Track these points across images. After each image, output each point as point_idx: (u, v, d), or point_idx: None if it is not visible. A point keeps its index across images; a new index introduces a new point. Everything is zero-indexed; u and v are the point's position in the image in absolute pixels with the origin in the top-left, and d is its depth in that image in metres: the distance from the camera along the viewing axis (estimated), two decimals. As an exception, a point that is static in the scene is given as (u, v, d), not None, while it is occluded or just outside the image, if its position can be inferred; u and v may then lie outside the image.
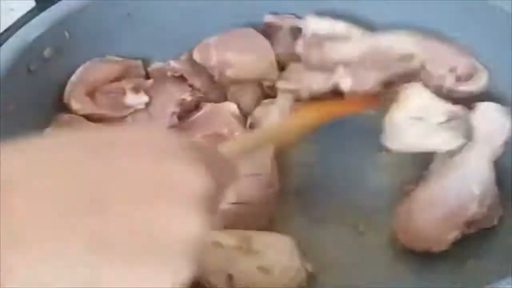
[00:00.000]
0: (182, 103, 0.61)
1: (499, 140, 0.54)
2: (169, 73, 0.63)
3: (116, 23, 0.61)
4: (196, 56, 0.63)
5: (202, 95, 0.62)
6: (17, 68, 0.54)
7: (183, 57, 0.64)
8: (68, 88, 0.58)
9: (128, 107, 0.60)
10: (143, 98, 0.60)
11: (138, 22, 0.62)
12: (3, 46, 0.54)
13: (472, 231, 0.53)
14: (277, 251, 0.49)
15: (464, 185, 0.52)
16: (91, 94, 0.59)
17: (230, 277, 0.48)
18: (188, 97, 0.61)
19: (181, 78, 0.63)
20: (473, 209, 0.51)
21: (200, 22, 0.65)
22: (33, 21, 0.57)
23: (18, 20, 0.71)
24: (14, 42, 0.55)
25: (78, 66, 0.60)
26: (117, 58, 0.62)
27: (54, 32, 0.57)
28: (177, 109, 0.60)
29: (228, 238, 0.49)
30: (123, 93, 0.60)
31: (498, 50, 0.58)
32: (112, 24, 0.61)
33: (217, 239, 0.49)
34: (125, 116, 0.60)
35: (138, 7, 0.62)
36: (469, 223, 0.52)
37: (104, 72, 0.61)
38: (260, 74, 0.63)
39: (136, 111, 0.60)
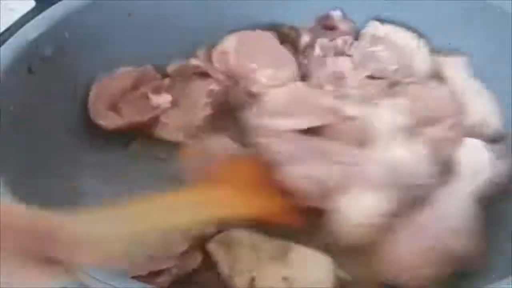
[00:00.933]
0: (211, 93, 0.61)
1: (482, 177, 0.53)
2: (192, 72, 0.63)
3: (116, 23, 0.61)
4: (216, 63, 0.64)
5: (229, 84, 0.63)
6: (17, 68, 0.54)
7: (201, 54, 0.64)
8: (91, 109, 0.60)
9: (155, 108, 0.60)
10: (166, 97, 0.61)
11: (138, 22, 0.62)
12: (3, 46, 0.54)
13: (453, 270, 0.49)
14: (310, 268, 0.49)
15: (445, 219, 0.50)
16: (113, 107, 0.60)
17: (253, 279, 0.48)
18: (215, 87, 0.62)
19: (204, 74, 0.63)
20: (453, 245, 0.49)
21: (201, 22, 0.65)
22: (33, 21, 0.57)
23: (18, 20, 0.71)
24: (14, 42, 0.55)
25: (78, 66, 0.60)
26: (126, 70, 0.63)
27: (54, 32, 0.57)
28: (208, 100, 0.61)
29: (267, 243, 0.50)
30: (146, 97, 0.61)
31: (498, 50, 0.58)
32: (112, 24, 0.61)
33: (256, 242, 0.50)
34: (156, 118, 0.60)
35: (138, 7, 0.62)
36: (451, 260, 0.49)
37: (118, 87, 0.61)
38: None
39: (164, 110, 0.61)
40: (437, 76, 0.63)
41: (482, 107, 0.60)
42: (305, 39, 0.66)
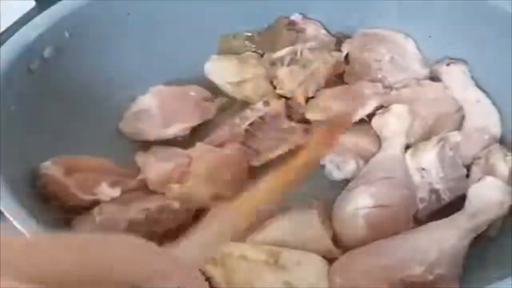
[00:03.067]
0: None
1: (488, 215, 0.50)
2: None
3: (116, 23, 0.61)
4: None
5: None
6: (17, 68, 0.54)
7: None
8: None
9: (95, 195, 0.53)
10: (114, 192, 0.54)
11: (138, 22, 0.62)
12: (3, 46, 0.54)
13: None
14: (305, 269, 0.49)
15: (425, 246, 0.49)
16: (68, 173, 0.53)
17: None
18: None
19: None
20: (416, 271, 0.47)
21: (200, 22, 0.65)
22: (33, 21, 0.57)
23: (18, 20, 0.71)
24: (14, 42, 0.55)
25: (78, 66, 0.60)
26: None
27: (54, 32, 0.57)
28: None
29: (256, 253, 0.49)
30: (98, 183, 0.54)
31: (498, 50, 0.58)
32: (112, 24, 0.61)
33: (244, 253, 0.49)
34: (91, 204, 0.53)
35: (138, 7, 0.62)
36: (405, 284, 0.47)
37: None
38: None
39: (104, 202, 0.53)
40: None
41: (482, 116, 0.60)
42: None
